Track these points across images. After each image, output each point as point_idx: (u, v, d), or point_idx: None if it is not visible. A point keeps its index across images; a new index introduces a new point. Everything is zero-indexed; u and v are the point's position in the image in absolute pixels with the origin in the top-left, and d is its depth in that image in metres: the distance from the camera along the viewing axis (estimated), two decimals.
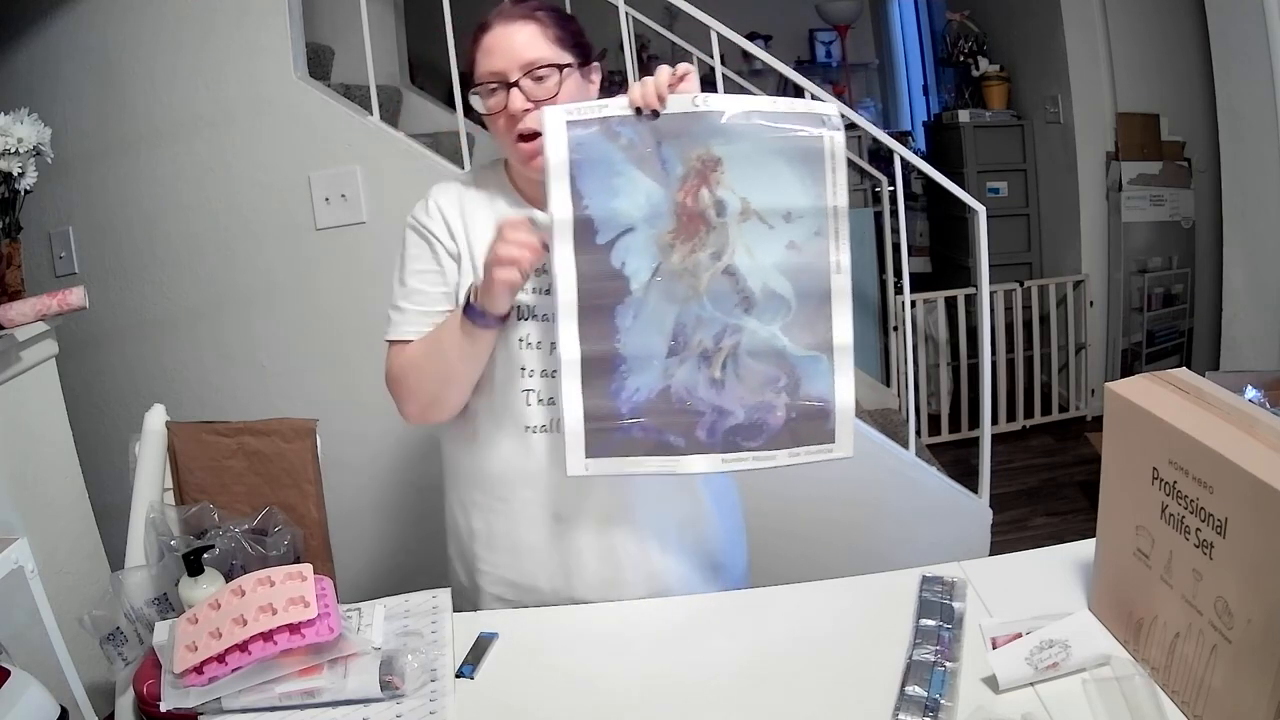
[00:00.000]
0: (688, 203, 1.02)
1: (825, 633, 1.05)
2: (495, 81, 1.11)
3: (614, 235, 1.02)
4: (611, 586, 1.19)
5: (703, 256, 1.02)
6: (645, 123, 1.01)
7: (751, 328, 1.03)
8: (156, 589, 1.14)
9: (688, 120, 1.02)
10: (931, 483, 2.23)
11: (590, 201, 1.01)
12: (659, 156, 1.02)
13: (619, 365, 1.03)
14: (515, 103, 1.10)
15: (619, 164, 1.01)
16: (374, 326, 2.23)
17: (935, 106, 4.95)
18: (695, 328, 1.03)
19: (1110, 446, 0.94)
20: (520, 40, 1.10)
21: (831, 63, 5.34)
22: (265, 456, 1.43)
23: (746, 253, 1.02)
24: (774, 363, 1.04)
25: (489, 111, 1.12)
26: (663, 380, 1.04)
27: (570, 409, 1.03)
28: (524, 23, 1.11)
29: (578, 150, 1.01)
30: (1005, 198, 3.99)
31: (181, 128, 2.11)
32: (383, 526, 2.23)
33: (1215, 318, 2.91)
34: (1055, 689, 0.89)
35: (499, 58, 1.10)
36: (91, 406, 2.12)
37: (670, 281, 1.02)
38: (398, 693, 0.96)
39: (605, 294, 1.02)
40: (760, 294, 1.03)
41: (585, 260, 1.02)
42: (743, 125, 1.02)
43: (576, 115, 1.02)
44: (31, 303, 1.57)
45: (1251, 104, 2.51)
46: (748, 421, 1.04)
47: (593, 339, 1.02)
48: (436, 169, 2.10)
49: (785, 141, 1.02)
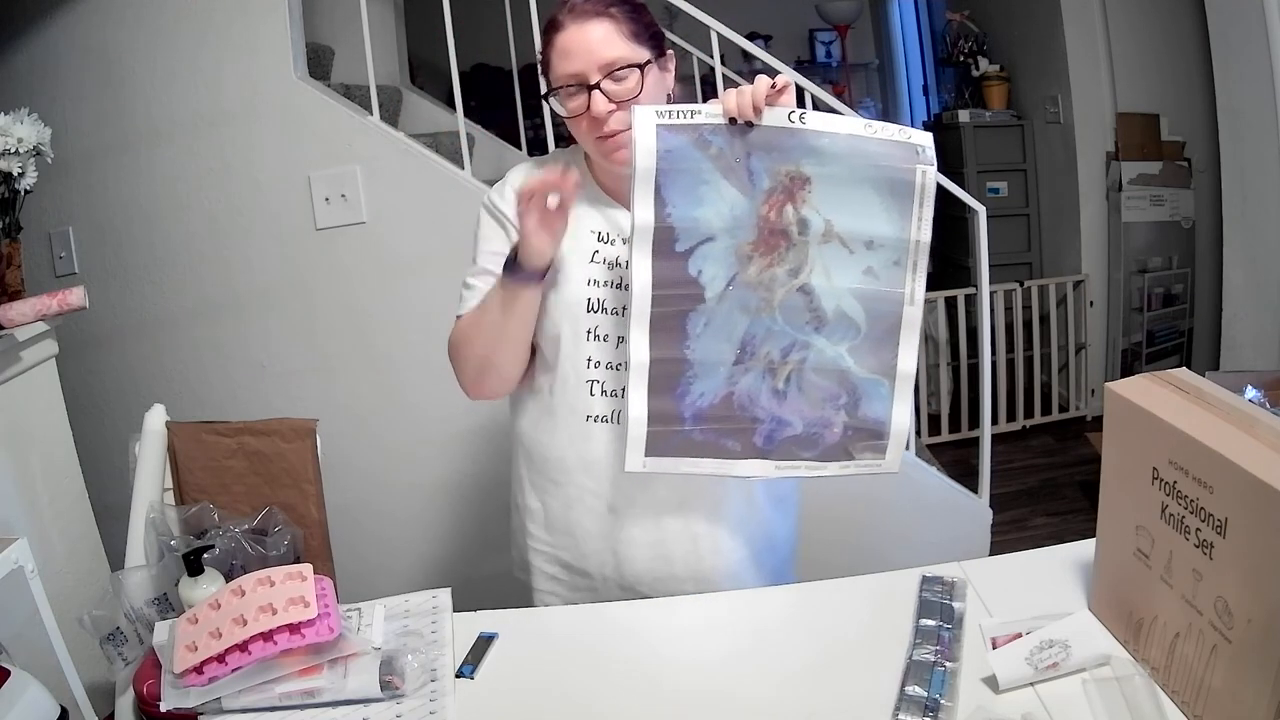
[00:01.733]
0: (771, 217, 1.01)
1: (825, 632, 1.05)
2: (574, 84, 1.08)
3: (694, 243, 1.01)
4: (659, 581, 1.20)
5: (779, 272, 1.02)
6: (737, 133, 1.00)
7: (819, 346, 1.04)
8: (156, 589, 1.14)
9: (781, 135, 1.00)
10: (931, 483, 2.23)
11: (674, 209, 1.00)
12: (747, 167, 1.00)
13: (686, 371, 1.04)
14: (598, 106, 1.07)
15: (706, 172, 1.00)
16: (374, 326, 2.25)
17: (935, 106, 4.95)
18: (764, 340, 1.04)
19: (1110, 446, 0.94)
20: (596, 39, 1.07)
21: (831, 63, 5.34)
22: (265, 456, 1.43)
23: (824, 273, 1.03)
24: (837, 381, 1.05)
25: (570, 115, 1.10)
26: (726, 387, 1.05)
27: (635, 410, 1.04)
28: (598, 20, 1.08)
29: (666, 158, 0.99)
30: (1005, 198, 3.99)
31: (181, 128, 2.11)
32: (383, 526, 2.23)
33: (1215, 318, 2.91)
34: (1055, 689, 0.89)
35: (576, 59, 1.07)
36: (91, 406, 2.12)
37: (745, 292, 1.03)
38: (398, 693, 0.96)
39: (679, 300, 1.02)
40: (832, 315, 1.04)
41: (662, 266, 1.01)
42: (838, 148, 1.00)
43: (667, 119, 0.99)
44: (31, 303, 1.57)
45: (1251, 104, 2.51)
46: (805, 433, 1.06)
47: (663, 344, 1.03)
48: (436, 169, 2.11)
49: (878, 170, 1.01)
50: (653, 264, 1.01)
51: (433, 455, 2.21)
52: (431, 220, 2.11)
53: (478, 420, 2.19)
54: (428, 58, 3.77)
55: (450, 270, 2.12)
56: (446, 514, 2.24)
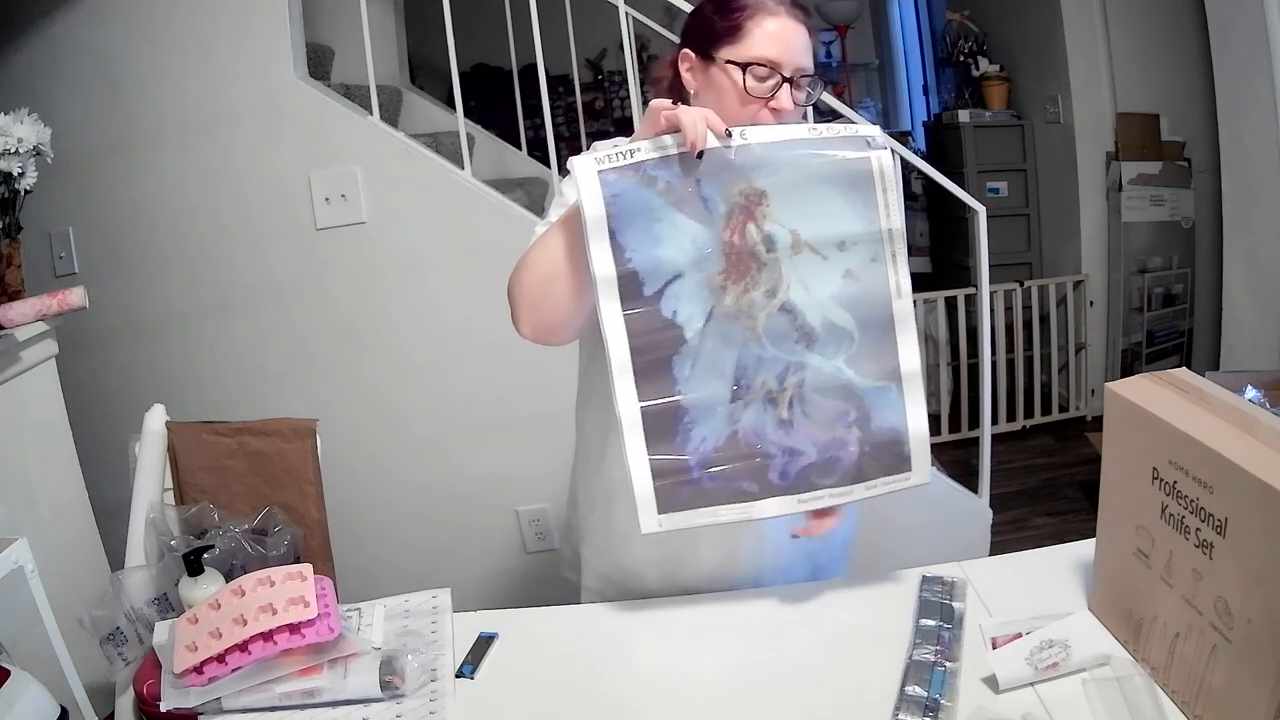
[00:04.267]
0: (735, 241, 0.97)
1: (825, 632, 1.05)
2: (770, 67, 1.07)
3: (662, 284, 0.96)
4: (723, 581, 1.17)
5: (757, 295, 0.98)
6: (682, 163, 0.96)
7: (815, 364, 0.99)
8: (156, 589, 1.14)
9: (727, 155, 0.97)
10: (931, 483, 2.23)
11: (633, 253, 0.95)
12: (699, 195, 0.96)
13: (683, 417, 0.98)
14: (786, 100, 1.08)
15: (658, 209, 0.96)
16: (374, 326, 2.24)
17: (935, 106, 4.94)
18: (757, 369, 0.99)
19: (1110, 446, 0.94)
20: (802, 41, 1.09)
21: (831, 63, 5.34)
22: (265, 456, 1.43)
23: (802, 287, 0.98)
24: (842, 397, 1.00)
25: (750, 91, 1.07)
26: (729, 426, 0.99)
27: (637, 469, 0.98)
28: (803, 27, 1.10)
29: (614, 202, 0.95)
30: (1005, 198, 3.98)
31: (182, 127, 2.11)
32: (383, 526, 2.23)
33: (1215, 318, 2.91)
34: (1055, 689, 0.89)
35: (783, 50, 1.07)
36: (91, 406, 2.11)
37: (726, 324, 0.98)
38: (398, 693, 0.96)
39: (660, 346, 0.97)
40: (821, 328, 0.99)
41: (634, 314, 0.96)
42: (784, 155, 0.98)
43: (607, 164, 0.95)
44: (31, 303, 1.57)
45: (1251, 104, 2.51)
46: (821, 460, 1.01)
47: (652, 393, 0.97)
48: (436, 169, 2.11)
49: (831, 166, 0.98)
50: (624, 313, 0.96)
51: (433, 455, 2.21)
52: (431, 220, 2.11)
53: (478, 420, 2.19)
54: (428, 58, 3.77)
55: (450, 270, 2.14)
56: (446, 514, 2.24)
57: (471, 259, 2.09)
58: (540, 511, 2.25)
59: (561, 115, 4.67)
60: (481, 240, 2.08)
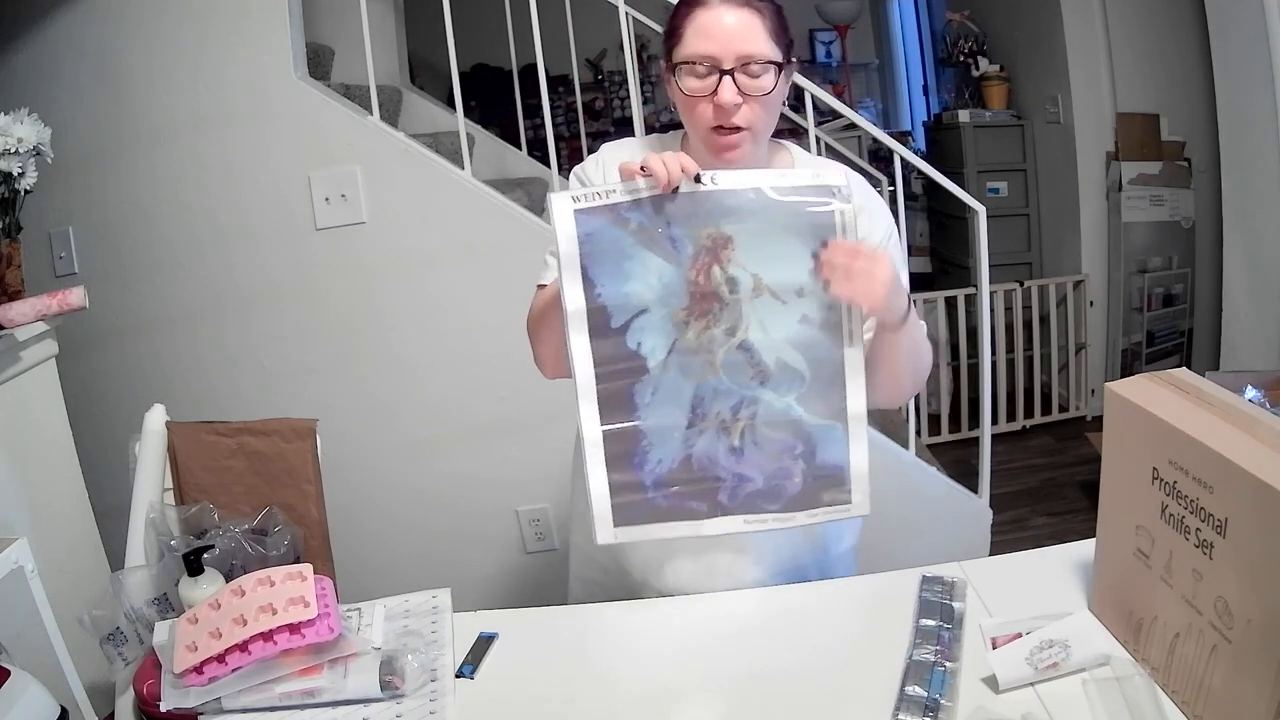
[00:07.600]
0: (699, 280, 1.02)
1: (825, 632, 1.05)
2: (706, 64, 1.04)
3: (629, 318, 1.02)
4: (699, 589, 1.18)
5: (717, 332, 1.03)
6: (655, 205, 1.00)
7: (767, 399, 1.04)
8: (156, 589, 1.14)
9: (696, 200, 1.00)
10: (931, 483, 2.23)
11: (603, 289, 1.01)
12: (669, 236, 1.01)
13: (641, 440, 1.05)
14: (726, 95, 1.03)
15: (629, 248, 1.01)
16: (374, 326, 2.24)
17: (935, 106, 4.94)
18: (713, 400, 1.04)
19: (1110, 446, 0.94)
20: (739, 28, 1.04)
21: (831, 63, 5.34)
22: (265, 456, 1.43)
23: (760, 328, 1.03)
24: (790, 432, 1.05)
25: (690, 92, 1.06)
26: (683, 450, 1.05)
27: (596, 486, 1.05)
28: (744, 10, 1.04)
29: (587, 241, 1.00)
30: (1005, 198, 3.98)
31: (181, 128, 2.11)
32: (383, 526, 2.23)
33: (1215, 318, 2.91)
34: (1055, 689, 0.89)
35: (715, 43, 1.04)
36: (91, 406, 2.11)
37: (686, 357, 1.03)
38: (398, 693, 0.97)
39: (623, 374, 1.03)
40: (775, 367, 1.04)
41: (601, 344, 1.02)
42: (751, 202, 1.00)
43: (583, 204, 1.00)
44: (31, 303, 1.57)
45: (1251, 104, 2.51)
46: (767, 487, 1.06)
47: (614, 417, 1.04)
48: (436, 169, 2.11)
49: (796, 217, 1.01)
50: (591, 343, 1.02)
51: (433, 455, 2.21)
52: (431, 220, 2.11)
53: (478, 420, 2.19)
54: (428, 58, 3.77)
55: (451, 270, 2.14)
56: (446, 514, 2.24)
57: (472, 259, 2.10)
58: (540, 511, 2.25)
59: (561, 115, 4.68)
60: (482, 240, 2.08)
